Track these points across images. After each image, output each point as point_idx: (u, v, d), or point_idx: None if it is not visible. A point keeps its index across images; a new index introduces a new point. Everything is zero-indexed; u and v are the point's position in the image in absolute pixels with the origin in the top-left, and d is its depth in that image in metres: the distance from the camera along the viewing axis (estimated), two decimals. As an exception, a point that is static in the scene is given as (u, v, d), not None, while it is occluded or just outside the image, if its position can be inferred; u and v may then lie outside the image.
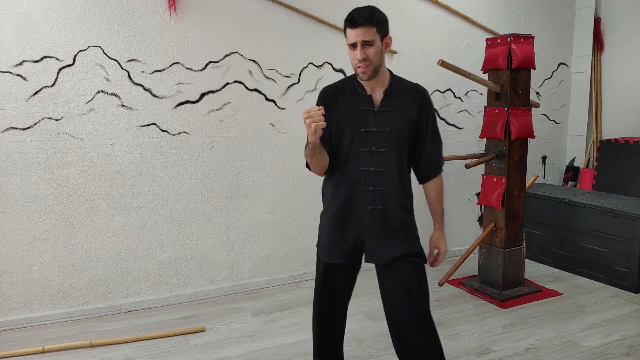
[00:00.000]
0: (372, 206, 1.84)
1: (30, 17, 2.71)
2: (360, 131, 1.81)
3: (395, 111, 1.82)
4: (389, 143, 1.81)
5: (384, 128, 1.81)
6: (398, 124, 1.82)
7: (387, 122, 1.81)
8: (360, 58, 1.73)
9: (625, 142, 4.09)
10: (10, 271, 2.83)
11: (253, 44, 3.25)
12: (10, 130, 2.74)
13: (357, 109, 1.83)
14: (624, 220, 3.38)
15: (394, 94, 1.83)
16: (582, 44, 4.58)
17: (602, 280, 3.53)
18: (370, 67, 1.74)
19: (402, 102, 1.83)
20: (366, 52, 1.72)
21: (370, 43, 1.72)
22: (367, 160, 1.82)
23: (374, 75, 1.77)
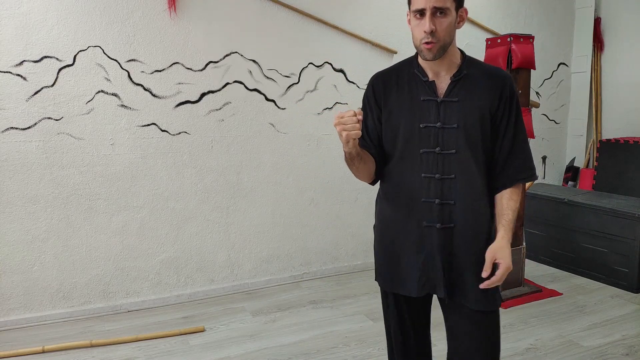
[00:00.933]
0: (441, 224, 1.45)
1: (30, 17, 2.71)
2: (420, 127, 1.44)
3: (466, 102, 1.42)
4: (459, 143, 1.42)
5: (451, 124, 1.41)
6: (470, 118, 1.41)
7: (455, 115, 1.42)
8: (428, 30, 1.34)
9: (625, 142, 4.09)
10: (10, 271, 2.83)
11: (253, 44, 3.25)
12: (10, 130, 2.74)
13: (415, 99, 1.45)
14: (624, 220, 3.38)
15: (464, 80, 1.43)
16: (582, 44, 4.58)
17: (602, 280, 3.53)
18: (438, 44, 1.36)
19: (475, 90, 1.42)
20: (437, 23, 1.34)
21: (444, 12, 1.34)
22: (430, 164, 1.44)
23: (441, 54, 1.38)
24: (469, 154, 1.42)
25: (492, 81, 1.44)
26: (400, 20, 3.68)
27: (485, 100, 1.42)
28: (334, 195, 3.64)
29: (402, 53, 3.72)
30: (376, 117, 1.52)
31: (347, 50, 3.53)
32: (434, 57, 1.39)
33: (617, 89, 4.46)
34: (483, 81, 1.44)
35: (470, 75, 1.44)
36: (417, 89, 1.45)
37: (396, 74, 1.51)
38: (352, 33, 3.52)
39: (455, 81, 1.43)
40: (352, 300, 3.23)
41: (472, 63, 1.47)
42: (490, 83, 1.44)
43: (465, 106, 1.42)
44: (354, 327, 2.85)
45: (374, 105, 1.52)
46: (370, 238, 3.93)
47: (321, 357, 2.53)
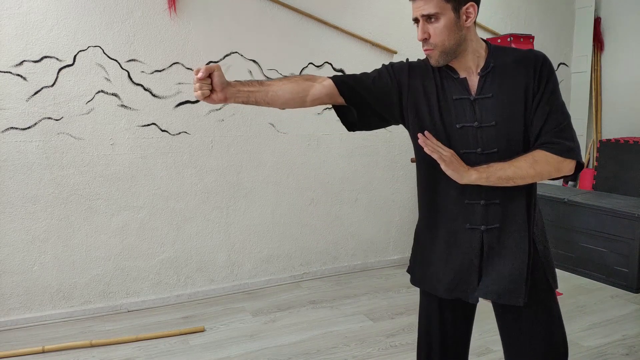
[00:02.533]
0: (485, 226, 1.40)
1: (30, 17, 2.71)
2: (457, 128, 1.37)
3: (500, 96, 1.35)
4: (500, 141, 1.35)
5: (489, 122, 1.35)
6: (508, 113, 1.34)
7: (491, 113, 1.35)
8: (419, 38, 1.34)
9: (625, 142, 4.09)
10: (10, 271, 2.83)
11: (253, 44, 3.25)
12: (11, 130, 2.74)
13: (448, 98, 1.39)
14: (623, 220, 3.38)
15: (494, 72, 1.36)
16: (582, 44, 4.58)
17: (602, 280, 3.53)
18: (436, 49, 1.33)
19: (507, 81, 1.35)
20: (430, 29, 1.32)
21: (433, 17, 1.31)
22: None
23: (447, 59, 1.35)
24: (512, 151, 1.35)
25: (522, 66, 1.35)
26: (400, 20, 3.68)
27: (519, 88, 1.34)
28: (334, 195, 3.65)
29: (402, 53, 3.72)
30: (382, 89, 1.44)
31: (347, 50, 3.53)
32: (437, 63, 1.36)
33: (617, 89, 4.46)
34: (513, 69, 1.35)
35: (499, 66, 1.37)
36: (449, 87, 1.39)
37: (432, 70, 1.43)
38: (352, 33, 3.52)
39: (484, 75, 1.37)
40: (352, 300, 3.23)
41: (500, 52, 1.40)
42: (520, 69, 1.35)
43: (500, 101, 1.35)
44: (354, 327, 2.85)
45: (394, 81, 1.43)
46: (371, 238, 3.94)
47: (321, 357, 2.53)
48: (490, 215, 1.39)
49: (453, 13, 1.31)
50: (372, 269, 3.83)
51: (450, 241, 1.45)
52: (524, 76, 1.34)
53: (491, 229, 1.40)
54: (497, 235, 1.40)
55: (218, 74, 1.35)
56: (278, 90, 1.42)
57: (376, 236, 3.86)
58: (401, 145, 3.83)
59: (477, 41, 1.38)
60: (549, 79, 1.35)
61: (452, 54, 1.35)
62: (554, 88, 1.36)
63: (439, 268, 1.47)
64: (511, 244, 1.40)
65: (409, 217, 3.97)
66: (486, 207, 1.39)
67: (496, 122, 1.35)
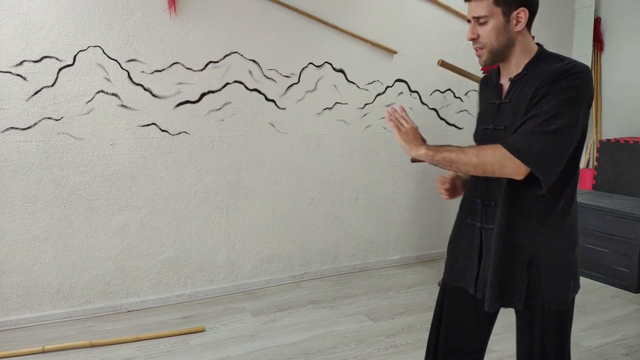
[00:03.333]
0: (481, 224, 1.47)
1: (30, 17, 2.71)
2: (481, 129, 1.51)
3: (516, 102, 1.39)
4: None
5: (501, 125, 1.42)
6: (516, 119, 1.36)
7: (505, 117, 1.42)
8: (468, 38, 1.42)
9: (625, 142, 4.09)
10: (10, 271, 2.83)
11: (253, 44, 3.25)
12: (10, 130, 2.74)
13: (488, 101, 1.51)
14: (624, 221, 3.38)
15: (524, 79, 1.39)
16: (582, 44, 4.58)
17: (602, 280, 3.53)
18: (484, 49, 1.40)
19: (528, 88, 1.36)
20: (477, 30, 1.39)
21: (482, 20, 1.37)
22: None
23: (495, 60, 1.42)
24: None
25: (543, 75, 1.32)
26: (400, 20, 3.68)
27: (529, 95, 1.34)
28: (334, 195, 3.65)
29: (402, 53, 3.72)
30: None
31: (347, 50, 3.53)
32: (485, 63, 1.43)
33: (617, 89, 4.46)
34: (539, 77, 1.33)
35: (532, 74, 1.36)
36: (491, 91, 1.51)
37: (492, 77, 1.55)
38: (352, 33, 3.52)
39: (514, 82, 1.42)
40: (352, 300, 3.23)
41: (546, 60, 1.37)
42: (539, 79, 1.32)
43: (515, 106, 1.38)
44: (354, 327, 2.85)
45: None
46: (371, 238, 3.94)
47: (321, 357, 2.53)
48: (488, 215, 1.46)
49: (502, 17, 1.36)
50: (372, 269, 3.83)
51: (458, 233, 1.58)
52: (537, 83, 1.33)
53: (487, 228, 1.46)
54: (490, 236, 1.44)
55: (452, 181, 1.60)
56: None
57: (376, 236, 3.86)
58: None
59: (526, 47, 1.40)
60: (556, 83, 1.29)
61: (500, 56, 1.41)
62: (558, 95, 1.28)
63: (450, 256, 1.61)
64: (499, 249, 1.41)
65: (409, 217, 3.97)
66: (484, 207, 1.47)
67: (505, 126, 1.40)
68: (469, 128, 4.05)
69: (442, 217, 4.11)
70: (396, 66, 3.68)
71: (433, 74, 3.85)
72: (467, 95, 4.07)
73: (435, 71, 3.72)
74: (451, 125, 4.02)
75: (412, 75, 3.76)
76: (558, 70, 1.30)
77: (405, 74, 3.75)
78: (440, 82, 3.93)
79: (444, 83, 3.95)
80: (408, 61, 3.77)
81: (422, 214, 4.04)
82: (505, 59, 1.42)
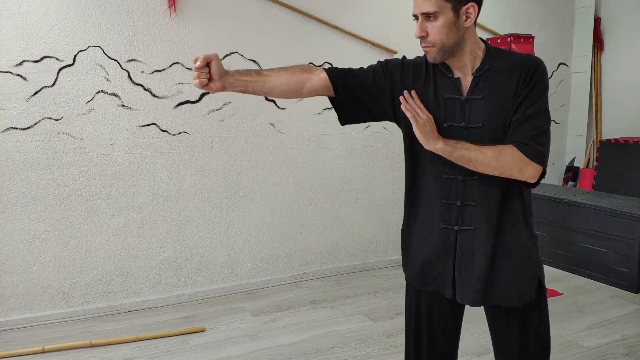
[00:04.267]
0: (459, 227, 1.41)
1: (30, 17, 2.71)
2: (444, 127, 1.38)
3: (491, 98, 1.35)
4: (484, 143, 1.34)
5: (476, 123, 1.35)
6: (495, 116, 1.34)
7: (479, 114, 1.35)
8: (416, 35, 1.35)
9: (625, 142, 4.09)
10: (10, 271, 2.83)
11: (253, 44, 3.25)
12: (10, 130, 2.74)
13: (440, 96, 1.40)
14: (623, 220, 3.37)
15: (488, 74, 1.36)
16: (582, 44, 4.58)
17: (602, 280, 3.53)
18: (435, 47, 1.33)
19: (500, 84, 1.34)
20: (429, 27, 1.33)
21: (432, 16, 1.31)
22: (453, 165, 1.37)
23: (445, 57, 1.35)
24: None
25: (516, 70, 1.34)
26: (400, 20, 3.68)
27: (509, 92, 1.33)
28: (334, 195, 3.65)
29: (402, 53, 3.70)
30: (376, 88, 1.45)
31: (347, 50, 3.53)
32: (434, 60, 1.36)
33: (617, 89, 4.46)
34: (508, 72, 1.34)
35: (494, 69, 1.36)
36: (442, 86, 1.40)
37: (425, 67, 1.44)
38: (352, 33, 3.52)
39: (478, 77, 1.36)
40: (352, 300, 3.23)
41: (498, 54, 1.39)
42: (514, 73, 1.34)
43: (490, 103, 1.35)
44: (354, 327, 2.85)
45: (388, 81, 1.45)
46: (371, 238, 3.94)
47: (321, 357, 2.53)
48: (465, 217, 1.40)
49: (452, 12, 1.31)
50: (372, 269, 3.83)
51: (428, 239, 1.47)
52: (516, 80, 1.33)
53: (465, 230, 1.41)
54: (470, 237, 1.40)
55: (216, 63, 1.37)
56: (275, 80, 1.43)
57: (376, 236, 3.86)
58: (401, 145, 3.79)
59: (475, 41, 1.38)
60: (537, 83, 1.33)
61: (450, 52, 1.35)
62: (541, 93, 1.34)
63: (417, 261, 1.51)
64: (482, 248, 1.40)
65: (409, 217, 3.97)
66: (462, 208, 1.40)
67: (483, 123, 1.35)
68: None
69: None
70: (396, 66, 3.68)
71: (433, 74, 3.85)
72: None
73: (435, 71, 3.72)
74: (451, 125, 4.02)
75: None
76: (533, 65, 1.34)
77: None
78: (440, 82, 3.92)
79: (444, 83, 3.94)
80: (408, 61, 3.77)
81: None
82: (456, 54, 1.36)
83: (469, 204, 1.39)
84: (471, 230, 1.40)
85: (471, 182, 1.38)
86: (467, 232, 1.41)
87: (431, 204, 1.45)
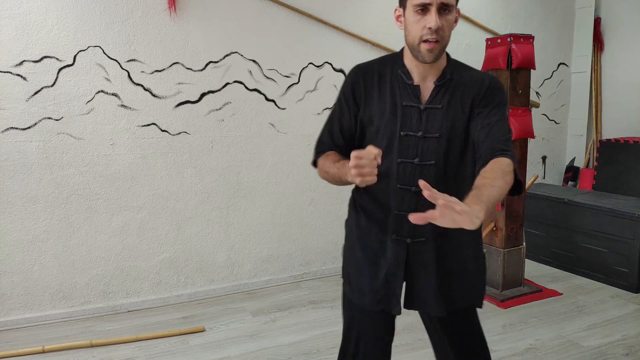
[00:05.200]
0: (411, 239, 1.37)
1: (30, 17, 2.71)
2: (400, 135, 1.33)
3: (450, 109, 1.32)
4: (438, 154, 1.31)
5: (433, 133, 1.31)
6: (453, 127, 1.32)
7: (436, 124, 1.31)
8: (435, 26, 1.22)
9: (625, 142, 4.09)
10: (10, 271, 2.83)
11: (253, 44, 3.25)
12: (10, 130, 2.74)
13: (398, 103, 1.34)
14: (624, 220, 3.37)
15: (449, 85, 1.33)
16: (582, 44, 4.58)
17: (602, 280, 3.53)
18: (441, 43, 1.26)
19: (460, 96, 1.32)
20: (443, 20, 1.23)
21: (449, 9, 1.24)
22: (407, 176, 1.33)
23: (440, 56, 1.29)
24: (449, 165, 1.33)
25: (476, 85, 1.33)
26: (400, 20, 3.68)
27: (466, 105, 1.32)
28: (334, 195, 3.64)
29: (402, 53, 3.72)
30: (353, 115, 1.40)
31: (347, 50, 3.53)
32: (434, 59, 1.28)
33: (617, 89, 4.46)
34: (467, 86, 1.33)
35: (455, 80, 1.33)
36: (400, 92, 1.34)
37: (378, 72, 1.39)
38: (352, 33, 3.52)
39: (439, 85, 1.33)
40: (352, 300, 3.22)
41: (459, 67, 1.37)
42: (473, 87, 1.33)
43: (449, 114, 1.31)
44: (354, 327, 2.85)
45: (352, 102, 1.40)
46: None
47: (321, 357, 2.53)
48: (417, 228, 1.31)
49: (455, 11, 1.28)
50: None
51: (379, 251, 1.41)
52: (475, 95, 1.32)
53: (417, 242, 1.37)
54: (422, 249, 1.38)
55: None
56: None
57: (376, 236, 3.85)
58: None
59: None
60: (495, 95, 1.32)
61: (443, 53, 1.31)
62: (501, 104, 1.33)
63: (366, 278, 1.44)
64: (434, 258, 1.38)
65: (409, 217, 3.96)
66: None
67: (440, 134, 1.31)
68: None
69: (442, 217, 4.10)
70: (396, 66, 3.67)
71: (433, 74, 3.85)
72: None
73: (435, 71, 3.72)
74: (451, 125, 4.02)
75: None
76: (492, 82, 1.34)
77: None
78: (440, 82, 3.92)
79: (444, 83, 3.94)
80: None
81: (422, 214, 4.03)
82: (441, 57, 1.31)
83: None
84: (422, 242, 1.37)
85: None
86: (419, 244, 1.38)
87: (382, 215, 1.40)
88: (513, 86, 3.17)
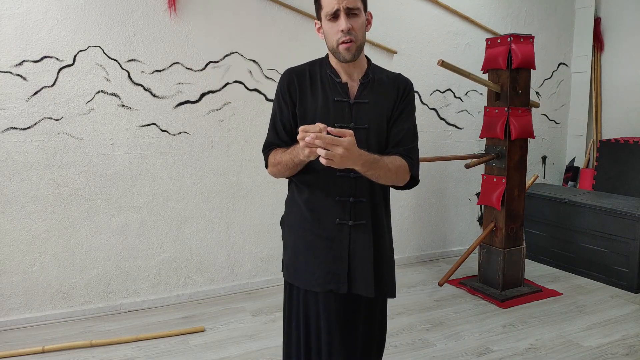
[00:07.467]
0: (354, 221, 1.51)
1: (30, 17, 2.71)
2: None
3: (375, 104, 1.51)
4: (369, 143, 1.48)
5: (362, 124, 1.49)
6: (378, 120, 1.51)
7: (365, 116, 1.49)
8: (346, 28, 1.40)
9: (625, 142, 4.09)
10: (10, 271, 2.83)
11: (253, 44, 3.25)
12: (10, 130, 2.74)
13: (329, 99, 1.50)
14: (624, 220, 3.38)
15: (372, 83, 1.53)
16: (582, 44, 4.58)
17: (602, 280, 3.53)
18: (355, 43, 1.43)
19: (381, 93, 1.52)
20: (352, 22, 1.41)
21: (356, 12, 1.42)
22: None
23: (358, 55, 1.47)
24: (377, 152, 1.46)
25: (393, 84, 1.55)
26: (400, 20, 3.68)
27: (389, 101, 1.53)
28: (334, 195, 3.64)
29: (402, 53, 3.72)
30: (291, 112, 1.54)
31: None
32: (353, 57, 1.45)
33: (617, 89, 4.46)
34: (386, 85, 1.54)
35: (376, 79, 1.54)
36: (330, 89, 1.51)
37: (309, 73, 1.56)
38: (352, 33, 3.51)
39: (364, 83, 1.52)
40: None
41: (377, 69, 1.58)
42: (392, 86, 1.54)
43: (374, 108, 1.51)
44: (354, 327, 2.85)
45: (288, 100, 1.54)
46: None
47: (321, 357, 2.53)
48: (358, 212, 1.51)
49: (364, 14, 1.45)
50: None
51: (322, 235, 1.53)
52: (393, 93, 1.53)
53: (358, 224, 1.52)
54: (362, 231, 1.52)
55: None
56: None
57: (376, 236, 3.85)
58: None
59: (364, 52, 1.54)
60: (410, 102, 1.56)
61: (360, 53, 1.47)
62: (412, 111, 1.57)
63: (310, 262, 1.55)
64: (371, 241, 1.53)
65: (409, 217, 3.97)
66: (355, 204, 1.51)
67: (369, 125, 1.50)
68: (468, 128, 4.05)
69: (442, 217, 4.11)
70: (396, 66, 3.67)
71: (433, 74, 3.85)
72: (467, 95, 4.07)
73: (435, 71, 3.72)
74: (451, 125, 4.02)
75: (412, 75, 3.75)
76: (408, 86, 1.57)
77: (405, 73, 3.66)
78: (440, 82, 3.93)
79: (444, 83, 3.95)
80: (408, 61, 3.77)
81: (422, 214, 4.04)
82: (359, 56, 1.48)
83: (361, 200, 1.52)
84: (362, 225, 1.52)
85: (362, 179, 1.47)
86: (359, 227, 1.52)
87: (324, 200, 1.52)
88: (513, 86, 3.17)
